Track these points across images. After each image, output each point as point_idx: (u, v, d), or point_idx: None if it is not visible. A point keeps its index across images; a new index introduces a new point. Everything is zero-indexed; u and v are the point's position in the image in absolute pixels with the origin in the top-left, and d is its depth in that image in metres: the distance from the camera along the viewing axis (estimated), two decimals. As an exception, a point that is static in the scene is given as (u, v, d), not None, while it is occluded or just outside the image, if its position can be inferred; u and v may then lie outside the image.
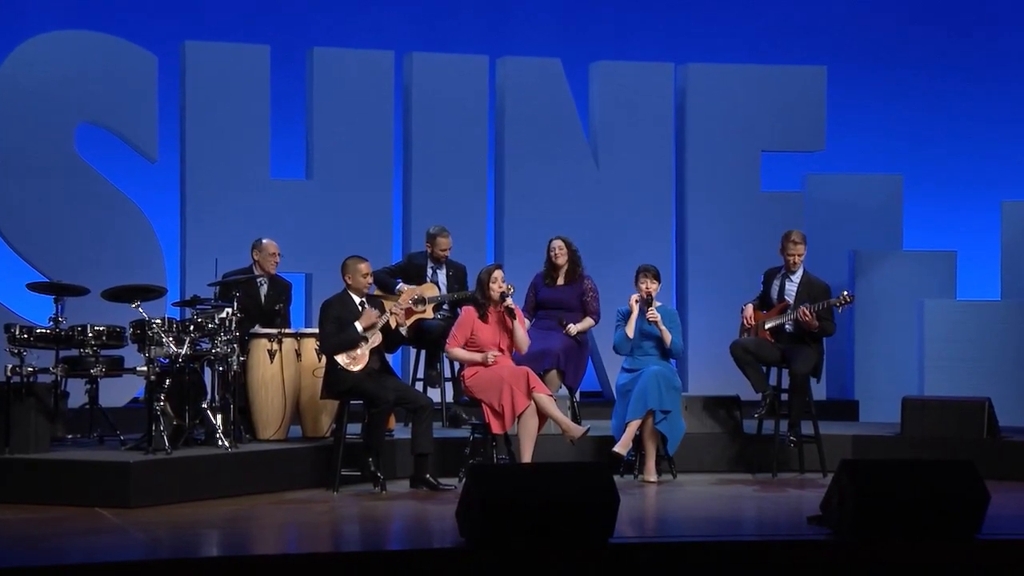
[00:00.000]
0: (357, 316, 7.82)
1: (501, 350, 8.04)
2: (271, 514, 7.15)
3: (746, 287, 9.40)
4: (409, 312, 8.80)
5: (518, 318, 8.04)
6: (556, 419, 7.89)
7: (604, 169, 10.63)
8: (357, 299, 7.90)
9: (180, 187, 10.07)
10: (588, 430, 7.95)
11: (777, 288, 8.62)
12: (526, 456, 7.88)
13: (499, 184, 10.57)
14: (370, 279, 7.95)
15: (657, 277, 8.44)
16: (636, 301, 8.38)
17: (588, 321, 8.83)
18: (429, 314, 8.99)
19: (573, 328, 8.71)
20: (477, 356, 7.96)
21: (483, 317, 8.04)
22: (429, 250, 9.10)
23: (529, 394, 7.84)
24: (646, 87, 10.67)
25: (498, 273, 8.06)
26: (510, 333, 8.03)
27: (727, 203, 10.70)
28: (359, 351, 7.78)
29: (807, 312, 8.28)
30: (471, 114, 10.44)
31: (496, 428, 7.87)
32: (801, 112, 10.80)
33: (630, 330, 8.36)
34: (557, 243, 8.93)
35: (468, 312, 8.08)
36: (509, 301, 8.00)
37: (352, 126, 10.24)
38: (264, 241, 8.62)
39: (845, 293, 8.44)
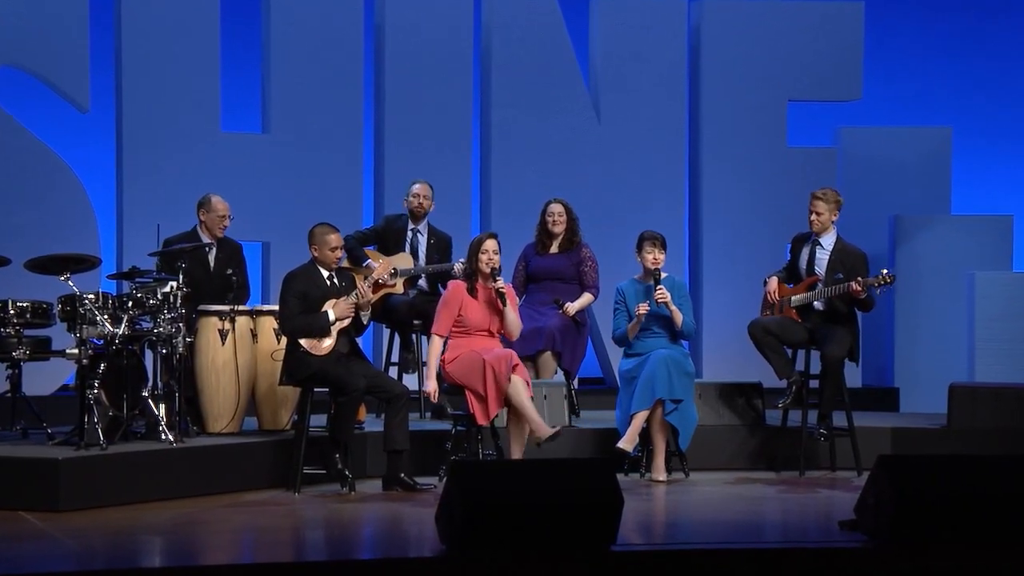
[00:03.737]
0: (324, 292, 7.81)
1: (491, 333, 8.03)
2: (223, 519, 7.16)
3: (770, 258, 9.41)
4: (377, 286, 8.79)
5: (510, 302, 8.00)
6: (524, 411, 7.84)
7: (607, 122, 10.61)
8: (325, 273, 7.90)
9: (116, 141, 10.03)
10: (559, 432, 7.90)
11: (806, 257, 8.61)
12: (516, 452, 7.90)
13: (485, 140, 10.56)
14: (339, 253, 7.94)
15: (664, 247, 8.43)
16: (644, 312, 8.29)
17: (587, 297, 8.84)
18: (398, 288, 8.99)
19: (572, 307, 8.71)
20: (432, 378, 7.93)
21: (472, 291, 8.01)
22: (406, 206, 9.12)
23: (510, 376, 7.83)
24: (655, 26, 10.65)
25: (490, 243, 8.01)
26: (501, 315, 8.01)
27: (749, 161, 10.69)
28: (324, 331, 7.80)
29: (860, 285, 8.26)
30: (453, 57, 10.41)
31: (481, 418, 7.88)
32: (834, 56, 10.78)
33: (632, 332, 8.35)
34: (556, 207, 8.91)
35: (456, 289, 8.03)
36: (500, 283, 7.95)
37: (315, 71, 10.20)
38: (213, 199, 8.60)
39: (885, 272, 8.37)
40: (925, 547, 6.14)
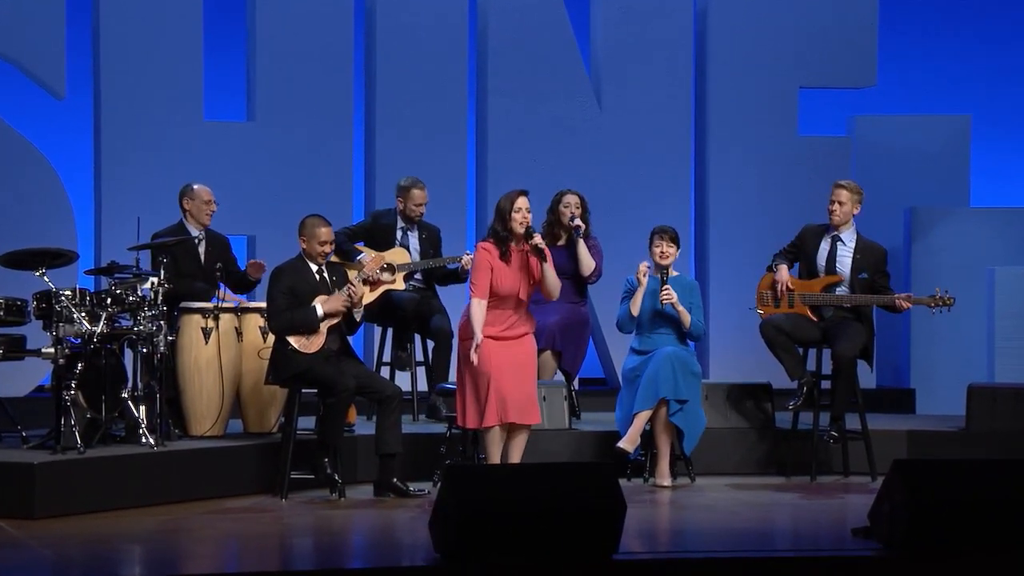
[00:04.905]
0: (314, 287, 7.82)
1: (521, 300, 7.85)
2: (207, 526, 7.17)
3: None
4: (375, 283, 8.79)
5: (548, 261, 7.82)
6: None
7: (608, 110, 10.61)
8: (314, 267, 7.90)
9: (94, 130, 10.03)
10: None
11: (825, 253, 8.60)
12: (514, 456, 7.89)
13: (481, 128, 10.56)
14: (329, 248, 7.93)
15: (675, 241, 8.43)
16: (645, 273, 8.34)
17: (590, 261, 8.74)
18: (399, 285, 8.99)
19: (582, 225, 8.64)
20: (479, 335, 7.66)
21: (505, 256, 7.82)
22: (400, 206, 9.08)
23: (500, 416, 7.68)
24: (660, 8, 10.65)
25: (522, 201, 7.81)
26: (535, 279, 7.84)
27: (758, 151, 10.70)
28: (313, 329, 7.80)
29: (907, 303, 8.27)
30: (448, 42, 10.41)
31: (462, 419, 7.77)
32: (847, 40, 10.78)
33: (635, 307, 8.35)
34: (572, 198, 8.87)
35: (486, 252, 7.81)
36: (537, 239, 7.77)
37: (303, 57, 10.20)
38: (195, 187, 8.60)
39: (943, 293, 8.35)
40: (942, 556, 6.15)
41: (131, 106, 9.93)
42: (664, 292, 8.31)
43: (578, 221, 8.72)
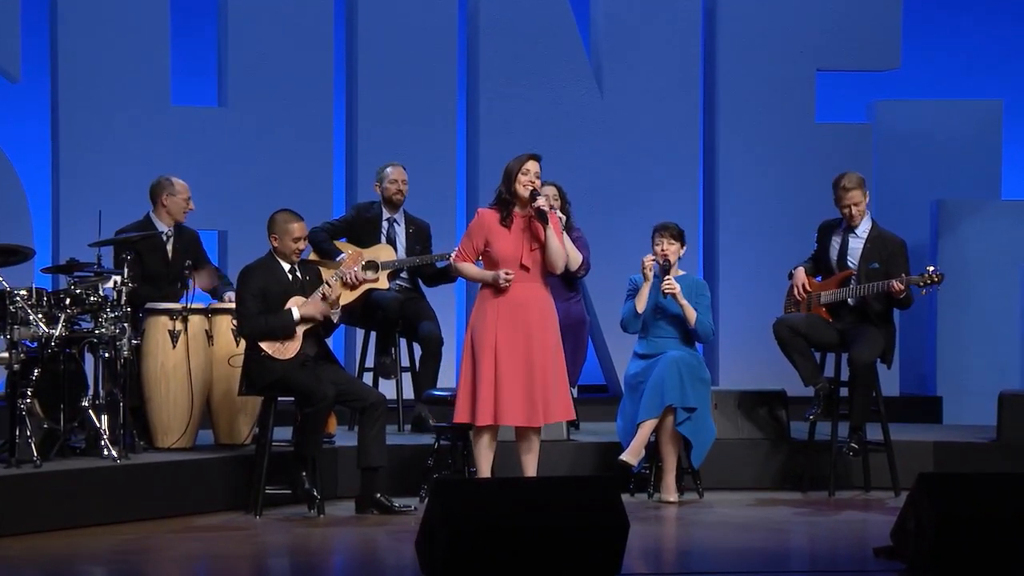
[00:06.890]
0: (286, 288, 7.81)
1: (525, 267, 7.69)
2: (174, 545, 7.17)
3: (795, 249, 9.40)
4: (356, 283, 8.79)
5: (552, 224, 7.72)
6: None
7: (610, 96, 10.62)
8: (286, 266, 7.90)
9: (51, 116, 10.03)
10: None
11: (838, 247, 8.62)
12: (528, 468, 7.72)
13: (472, 115, 10.56)
14: (302, 245, 7.91)
15: (678, 238, 8.44)
16: (650, 267, 8.37)
17: (576, 253, 8.66)
18: (383, 284, 9.00)
19: (543, 204, 8.41)
20: (488, 274, 7.64)
21: (506, 221, 7.72)
22: (379, 192, 9.11)
23: (493, 417, 7.60)
24: (666, -15, 10.69)
25: (532, 164, 7.69)
26: (540, 245, 7.72)
27: (772, 138, 10.71)
28: (289, 332, 7.81)
29: (901, 284, 8.25)
30: (436, 22, 10.41)
31: (461, 414, 7.69)
32: (869, 18, 10.79)
33: (641, 303, 8.36)
34: (550, 190, 8.84)
35: (484, 216, 7.72)
36: (541, 201, 7.65)
37: (279, 37, 10.20)
38: (176, 182, 8.57)
39: (931, 270, 8.35)
40: (971, 576, 6.17)
41: (92, 90, 9.93)
42: (666, 282, 8.31)
43: (559, 214, 8.72)
